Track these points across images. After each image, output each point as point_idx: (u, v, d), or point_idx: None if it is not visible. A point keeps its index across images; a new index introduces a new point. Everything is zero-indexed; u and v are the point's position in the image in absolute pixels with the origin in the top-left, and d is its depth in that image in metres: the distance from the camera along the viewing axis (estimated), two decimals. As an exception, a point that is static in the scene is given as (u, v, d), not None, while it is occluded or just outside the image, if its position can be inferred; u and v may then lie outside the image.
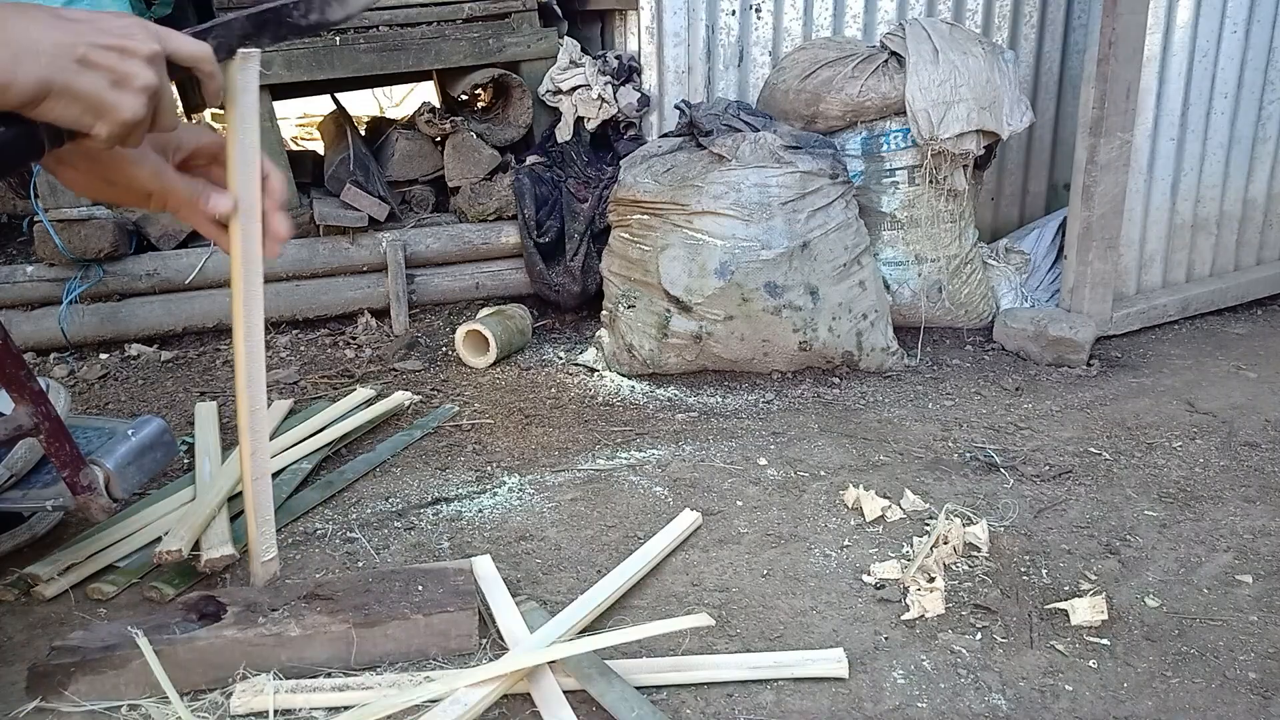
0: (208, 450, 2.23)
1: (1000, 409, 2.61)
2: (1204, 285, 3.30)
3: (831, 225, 2.72)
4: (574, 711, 1.44)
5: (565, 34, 3.49)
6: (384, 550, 1.94)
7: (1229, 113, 3.18)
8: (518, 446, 2.41)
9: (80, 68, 0.92)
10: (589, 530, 2.02)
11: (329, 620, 1.57)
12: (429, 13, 3.31)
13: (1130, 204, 3.06)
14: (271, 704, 1.46)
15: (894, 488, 2.17)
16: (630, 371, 2.83)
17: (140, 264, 3.02)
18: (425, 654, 1.60)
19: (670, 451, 2.37)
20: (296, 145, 5.57)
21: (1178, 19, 2.98)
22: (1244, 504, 2.12)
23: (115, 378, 2.87)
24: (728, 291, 2.65)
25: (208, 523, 1.90)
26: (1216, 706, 1.52)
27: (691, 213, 2.68)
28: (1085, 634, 1.68)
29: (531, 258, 3.19)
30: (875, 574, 1.85)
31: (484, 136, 3.28)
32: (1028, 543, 1.96)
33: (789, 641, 1.66)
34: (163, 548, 1.79)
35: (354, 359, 2.98)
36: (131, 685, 1.49)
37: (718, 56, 3.36)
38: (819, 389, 2.73)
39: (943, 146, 2.88)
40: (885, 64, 2.96)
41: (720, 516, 2.07)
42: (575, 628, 1.62)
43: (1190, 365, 2.91)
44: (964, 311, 3.11)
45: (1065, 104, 3.67)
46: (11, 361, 1.51)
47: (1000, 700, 1.52)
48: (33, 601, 1.77)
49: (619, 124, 3.33)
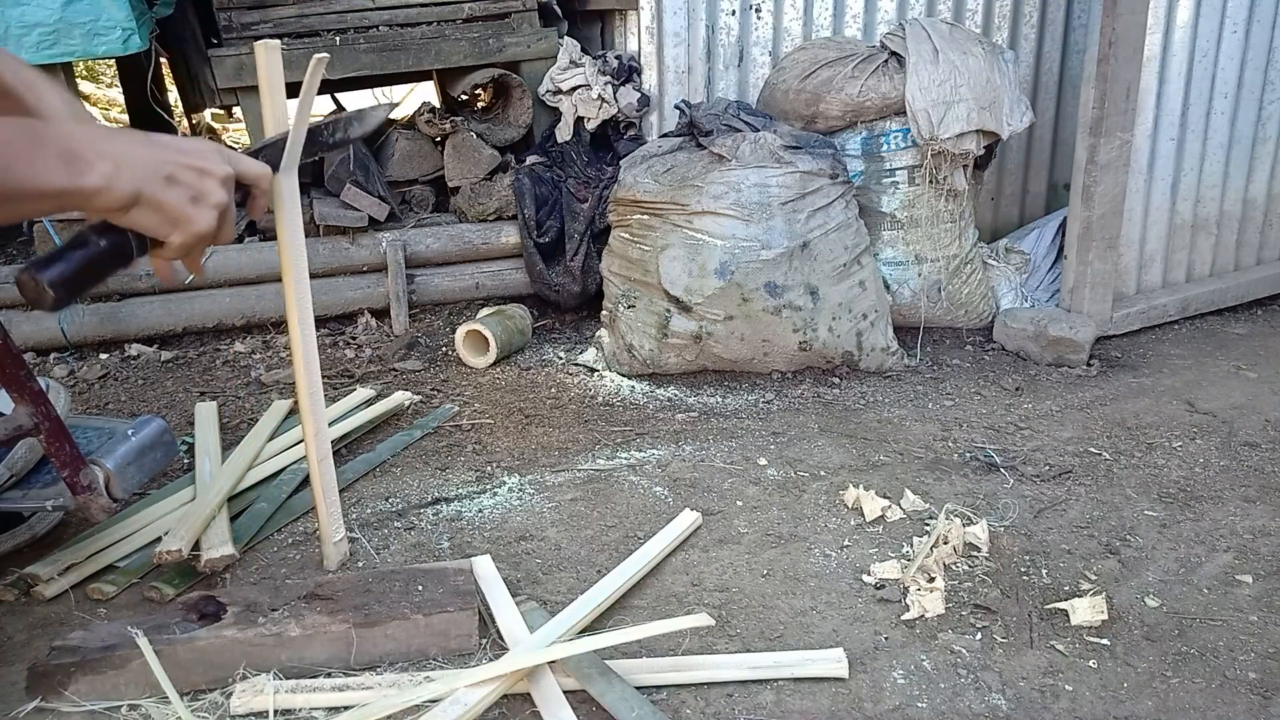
0: (208, 450, 2.23)
1: (1000, 409, 2.61)
2: (1204, 285, 3.30)
3: (831, 225, 2.72)
4: (574, 711, 1.44)
5: (565, 34, 3.49)
6: (384, 550, 1.94)
7: (1229, 113, 3.18)
8: (518, 446, 2.41)
9: (167, 184, 1.05)
10: (589, 530, 2.02)
11: (329, 620, 1.57)
12: (429, 13, 3.31)
13: (1130, 204, 3.06)
14: (271, 704, 1.46)
15: (894, 488, 2.17)
16: (630, 371, 2.83)
17: (140, 264, 3.02)
18: (425, 654, 1.60)
19: (670, 451, 2.37)
20: (296, 145, 5.56)
21: (1178, 19, 2.98)
22: (1244, 504, 2.12)
23: (115, 378, 2.87)
24: (728, 291, 2.65)
25: (208, 523, 1.90)
26: (1216, 706, 1.52)
27: (691, 213, 2.68)
28: (1085, 634, 1.68)
29: (531, 258, 3.19)
30: (875, 574, 1.85)
31: (484, 136, 3.28)
32: (1028, 543, 1.96)
33: (789, 641, 1.66)
34: (163, 548, 1.80)
35: (354, 359, 2.98)
36: (132, 685, 1.49)
37: (718, 56, 3.36)
38: (819, 389, 2.73)
39: (943, 146, 2.88)
40: (885, 64, 2.96)
41: (720, 516, 2.07)
42: (575, 628, 1.62)
43: (1190, 365, 2.91)
44: (964, 311, 3.11)
45: (1065, 104, 3.67)
46: (11, 361, 1.51)
47: (1000, 700, 1.52)
48: (33, 601, 1.77)
49: (619, 124, 3.33)
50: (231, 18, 3.15)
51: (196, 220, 1.08)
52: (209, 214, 1.09)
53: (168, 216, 1.06)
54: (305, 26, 3.21)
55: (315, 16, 3.22)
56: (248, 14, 3.16)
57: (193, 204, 1.07)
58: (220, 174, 1.10)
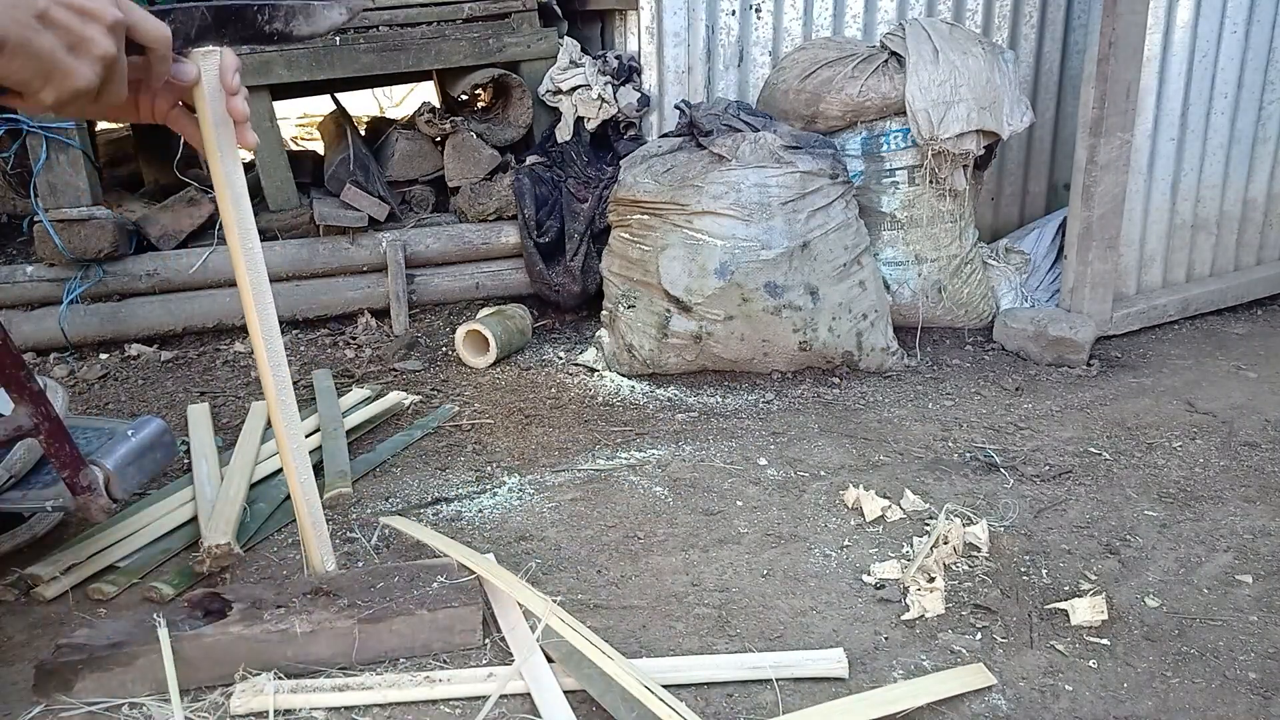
0: (204, 451, 2.23)
1: (1000, 409, 2.61)
2: (1204, 285, 3.30)
3: (831, 225, 2.72)
4: (574, 712, 1.44)
5: (565, 34, 3.49)
6: (383, 550, 1.94)
7: (1229, 113, 3.18)
8: (518, 446, 2.41)
9: (40, 24, 0.87)
10: (589, 530, 2.02)
11: (334, 616, 1.57)
12: (429, 13, 3.31)
13: (1130, 204, 3.06)
14: (271, 704, 1.46)
15: (894, 488, 2.17)
16: (630, 371, 2.83)
17: (140, 264, 3.02)
18: (430, 650, 1.60)
19: (670, 451, 2.37)
20: (296, 145, 5.57)
21: (1178, 19, 2.98)
22: (1244, 504, 2.12)
23: (115, 378, 2.87)
24: (728, 291, 2.65)
25: (240, 514, 1.95)
26: (1216, 706, 1.52)
27: (691, 213, 2.68)
28: (1085, 634, 1.68)
29: (531, 258, 3.19)
30: (875, 574, 1.85)
31: (484, 136, 3.28)
32: (1028, 543, 1.96)
33: (789, 641, 1.66)
34: (209, 543, 1.81)
35: (354, 359, 2.98)
36: (138, 682, 1.49)
37: (718, 56, 3.36)
38: (819, 389, 2.73)
39: (943, 146, 2.88)
40: (885, 64, 2.96)
41: (720, 516, 2.07)
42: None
43: (1190, 365, 2.91)
44: (964, 311, 3.11)
45: (1065, 104, 3.67)
46: (11, 362, 1.51)
47: (1000, 700, 1.52)
48: (33, 602, 1.77)
49: (619, 124, 3.33)
50: (231, 18, 3.14)
51: (75, 72, 0.90)
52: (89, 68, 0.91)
53: (39, 68, 0.88)
54: (305, 26, 3.20)
55: (315, 16, 3.21)
56: (248, 14, 3.15)
57: (70, 52, 0.89)
58: (108, 19, 0.92)
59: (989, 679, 1.54)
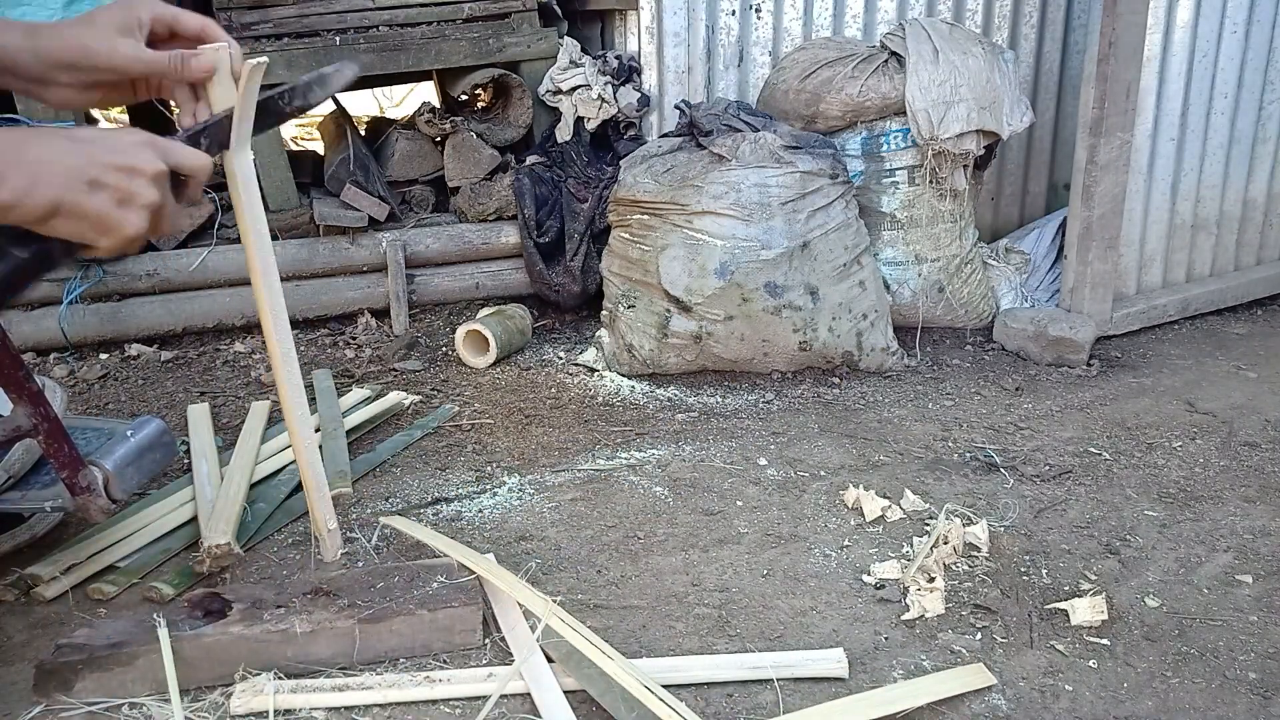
0: (204, 451, 2.23)
1: (1000, 409, 2.61)
2: (1204, 285, 3.30)
3: (831, 225, 2.72)
4: (574, 712, 1.44)
5: (565, 34, 3.49)
6: (383, 550, 1.94)
7: (1229, 113, 3.18)
8: (518, 446, 2.41)
9: (90, 189, 0.98)
10: (589, 530, 2.02)
11: (334, 616, 1.57)
12: (429, 13, 3.31)
13: (1130, 204, 3.06)
14: (271, 704, 1.46)
15: (894, 488, 2.17)
16: (630, 371, 2.83)
17: (140, 264, 3.02)
18: (430, 650, 1.60)
19: (670, 451, 2.37)
20: (296, 145, 5.57)
21: (1178, 19, 2.98)
22: (1244, 504, 2.12)
23: (115, 378, 2.87)
24: (728, 291, 2.65)
25: (240, 513, 1.95)
26: (1216, 706, 1.52)
27: (691, 213, 2.68)
28: (1085, 634, 1.68)
29: (531, 258, 3.19)
30: (875, 574, 1.85)
31: (484, 136, 3.28)
32: (1028, 543, 1.96)
33: (789, 641, 1.66)
34: (209, 543, 1.81)
35: (354, 359, 2.98)
36: (138, 682, 1.49)
37: (718, 56, 3.36)
38: (819, 389, 2.73)
39: (943, 146, 2.88)
40: (885, 64, 2.96)
41: (720, 516, 2.07)
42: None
43: (1190, 365, 2.91)
44: (964, 311, 3.11)
45: (1065, 104, 3.67)
46: (10, 362, 1.50)
47: (1000, 700, 1.52)
48: (33, 602, 1.77)
49: (619, 124, 3.33)
50: (231, 18, 3.15)
51: (125, 224, 1.01)
52: (137, 217, 1.02)
53: (94, 223, 0.99)
54: (305, 26, 3.21)
55: (315, 16, 3.21)
56: (248, 14, 3.16)
57: (120, 207, 1.01)
58: (150, 171, 1.03)
59: (989, 679, 1.54)
